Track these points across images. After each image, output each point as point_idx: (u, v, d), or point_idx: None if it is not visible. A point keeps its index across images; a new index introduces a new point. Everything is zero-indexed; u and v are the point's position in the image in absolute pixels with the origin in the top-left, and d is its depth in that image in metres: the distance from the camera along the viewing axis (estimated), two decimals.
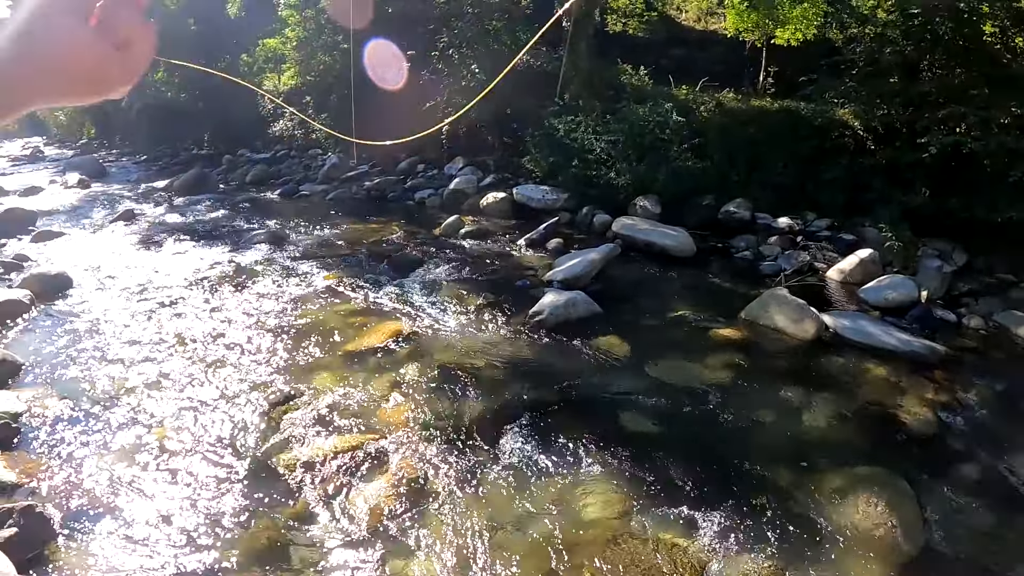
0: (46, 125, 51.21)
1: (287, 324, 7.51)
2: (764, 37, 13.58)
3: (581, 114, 12.42)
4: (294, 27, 20.93)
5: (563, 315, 7.26)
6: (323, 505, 4.41)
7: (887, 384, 5.88)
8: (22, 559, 3.80)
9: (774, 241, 9.59)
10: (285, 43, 21.67)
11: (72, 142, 43.22)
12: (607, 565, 3.79)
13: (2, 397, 5.88)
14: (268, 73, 22.62)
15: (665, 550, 3.88)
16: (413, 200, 14.39)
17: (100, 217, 15.12)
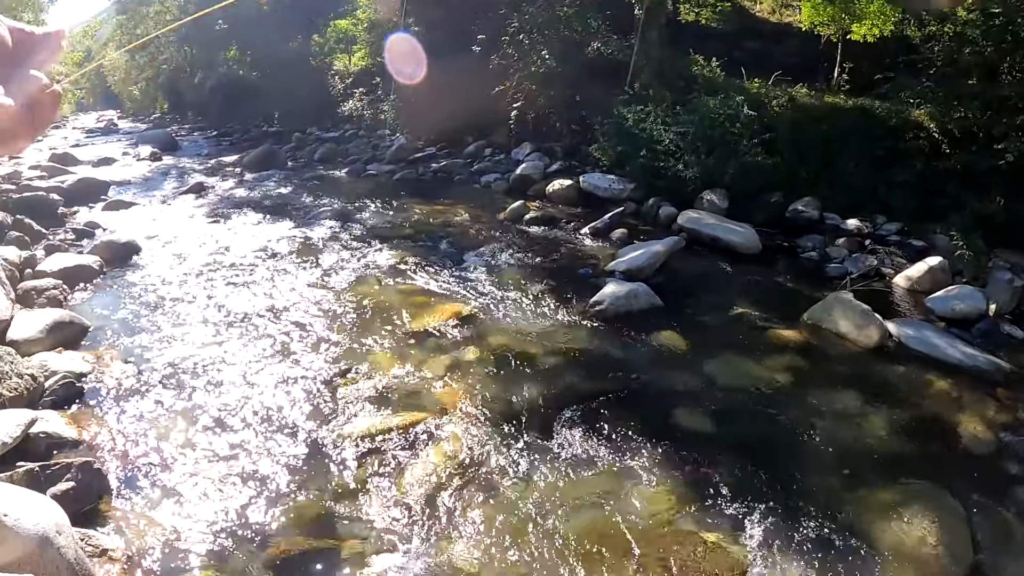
0: (120, 99, 52.29)
1: (349, 300, 7.68)
2: (840, 32, 13.29)
3: (651, 104, 12.33)
4: (365, 8, 21.09)
5: (624, 306, 7.29)
6: (372, 480, 4.52)
7: (947, 399, 5.76)
8: (76, 511, 3.96)
9: (842, 243, 9.43)
10: (356, 24, 21.86)
11: (145, 116, 44.19)
12: (650, 560, 3.83)
13: (68, 357, 6.15)
14: (339, 54, 22.85)
15: (709, 550, 3.90)
16: (479, 183, 14.48)
17: (170, 189, 15.54)
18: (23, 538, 3.21)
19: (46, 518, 3.39)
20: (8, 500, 3.36)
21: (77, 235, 10.75)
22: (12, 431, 4.52)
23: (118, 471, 4.60)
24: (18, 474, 4.17)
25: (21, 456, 4.44)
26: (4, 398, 5.04)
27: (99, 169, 18.37)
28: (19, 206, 11.40)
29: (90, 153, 22.26)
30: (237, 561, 3.83)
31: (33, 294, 7.53)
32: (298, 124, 23.59)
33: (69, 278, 8.23)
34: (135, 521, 4.13)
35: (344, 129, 21.40)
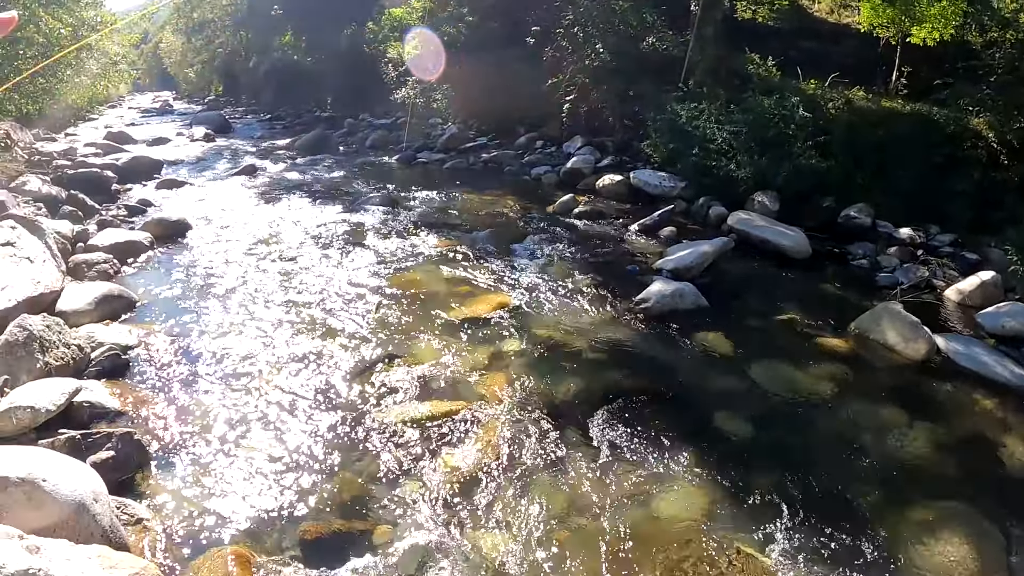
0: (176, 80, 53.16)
1: (395, 286, 7.84)
2: (899, 34, 13.05)
3: (705, 101, 12.27)
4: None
5: (669, 305, 7.32)
6: (409, 466, 4.64)
7: (993, 418, 5.67)
8: (115, 480, 4.13)
9: (893, 252, 9.30)
10: (411, 13, 21.95)
11: (200, 98, 44.97)
12: (680, 561, 3.89)
13: (115, 330, 6.41)
14: (393, 42, 22.96)
15: (738, 559, 3.92)
16: (529, 175, 14.56)
17: (222, 170, 15.93)
18: (60, 503, 3.36)
19: (84, 485, 3.53)
20: (48, 466, 3.52)
21: (129, 211, 11.16)
22: (56, 399, 4.71)
23: (158, 443, 4.79)
24: (59, 441, 4.37)
25: (64, 423, 4.64)
26: (51, 366, 5.27)
27: (153, 148, 18.91)
28: (74, 182, 11.84)
29: (145, 132, 22.80)
30: (269, 539, 3.97)
31: (84, 267, 7.84)
32: (350, 110, 23.79)
33: (120, 253, 8.54)
34: (171, 493, 4.29)
35: (396, 116, 21.58)
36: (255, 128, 25.65)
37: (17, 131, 15.08)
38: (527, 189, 13.44)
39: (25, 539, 2.95)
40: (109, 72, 20.16)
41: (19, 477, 3.35)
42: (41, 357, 5.25)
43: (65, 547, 3.06)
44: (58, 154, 15.59)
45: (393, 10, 23.43)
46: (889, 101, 12.00)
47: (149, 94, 55.06)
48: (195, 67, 47.37)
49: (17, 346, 5.19)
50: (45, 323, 5.51)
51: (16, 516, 3.22)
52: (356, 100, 24.03)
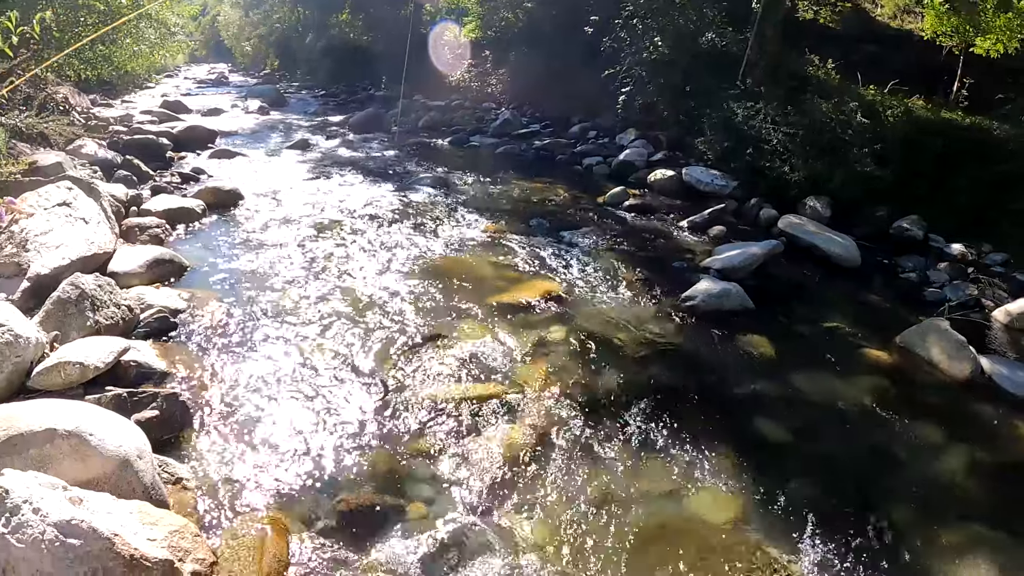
0: (232, 53, 53.59)
1: (442, 266, 8.02)
2: (963, 44, 12.84)
3: (762, 101, 12.18)
4: None
5: (715, 304, 7.38)
6: (446, 446, 4.78)
7: None
8: (157, 439, 4.29)
9: (944, 267, 9.20)
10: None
11: (255, 71, 45.32)
12: (708, 563, 3.95)
13: (164, 293, 6.64)
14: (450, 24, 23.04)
15: (766, 565, 3.97)
16: (581, 165, 14.60)
17: (276, 143, 16.24)
18: (105, 457, 3.53)
19: (129, 441, 3.72)
20: (95, 421, 3.69)
21: (183, 179, 11.56)
22: (105, 356, 4.92)
23: (201, 406, 4.98)
24: (106, 398, 4.55)
25: (111, 381, 4.86)
26: (100, 325, 5.50)
27: (208, 118, 19.26)
28: (129, 147, 12.29)
29: (200, 103, 23.20)
30: (304, 507, 4.11)
31: (136, 230, 8.15)
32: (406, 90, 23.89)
33: (172, 218, 8.86)
34: (212, 455, 4.48)
35: (450, 99, 21.61)
36: (309, 103, 25.83)
37: (75, 95, 15.44)
38: (578, 179, 13.50)
39: (69, 490, 3.09)
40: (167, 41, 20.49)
41: (66, 430, 3.50)
42: (92, 315, 5.48)
43: (107, 500, 3.23)
44: (115, 120, 15.96)
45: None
46: (949, 112, 11.80)
47: (205, 65, 55.41)
48: (251, 40, 47.61)
49: (69, 303, 5.41)
50: (97, 283, 5.75)
51: (61, 467, 3.40)
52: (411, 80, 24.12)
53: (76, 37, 13.33)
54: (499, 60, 20.41)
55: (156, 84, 30.10)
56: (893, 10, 16.64)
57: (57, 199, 7.10)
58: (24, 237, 6.38)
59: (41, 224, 6.63)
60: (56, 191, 7.23)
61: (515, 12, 19.79)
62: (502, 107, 19.71)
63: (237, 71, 47.94)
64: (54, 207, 6.97)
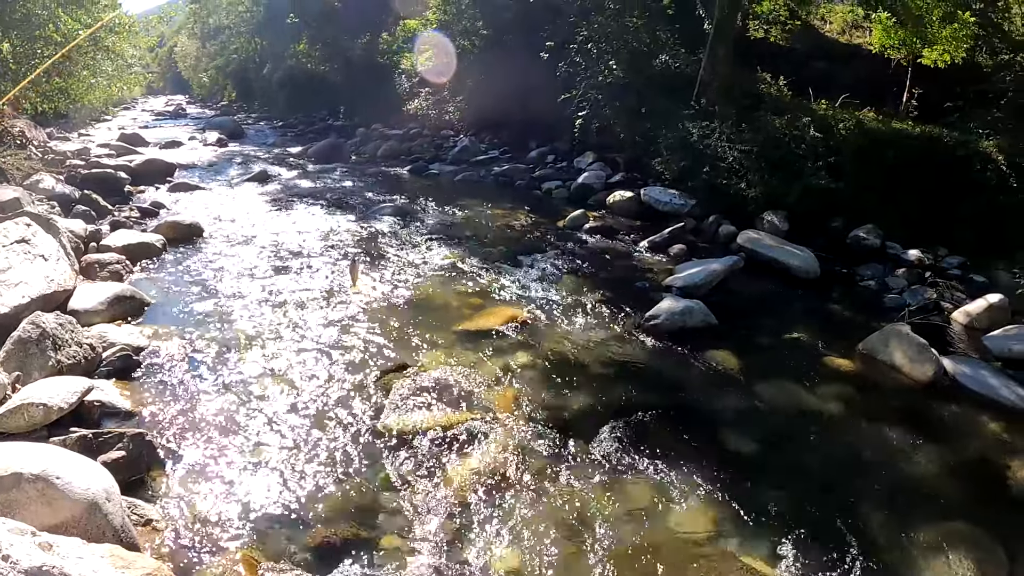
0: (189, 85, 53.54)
1: (405, 296, 7.97)
2: (910, 56, 13.10)
3: (716, 120, 12.32)
4: (435, 10, 21.32)
5: (678, 322, 7.40)
6: (417, 476, 4.71)
7: (999, 441, 5.67)
8: (125, 480, 4.17)
9: (901, 273, 9.32)
10: (425, 25, 22.13)
11: (213, 102, 45.43)
12: None
13: (126, 330, 6.52)
14: (406, 54, 23.16)
15: (744, 572, 3.98)
16: (540, 190, 14.66)
17: (235, 175, 16.18)
18: (73, 501, 3.41)
19: (96, 483, 3.58)
20: (61, 463, 3.56)
21: (142, 213, 11.40)
22: (68, 397, 4.81)
23: (168, 445, 4.87)
24: (71, 439, 4.44)
25: (75, 422, 4.78)
26: (62, 364, 5.37)
27: (166, 151, 19.24)
28: (87, 182, 12.18)
29: (158, 135, 23.16)
30: (277, 543, 4.03)
31: (96, 267, 8.00)
32: (363, 119, 23.95)
33: (132, 254, 8.70)
34: (181, 495, 4.37)
35: (408, 127, 21.63)
36: (267, 134, 25.87)
37: (32, 129, 15.29)
38: (538, 203, 13.53)
39: (38, 536, 2.98)
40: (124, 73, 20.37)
41: (32, 474, 3.39)
42: (53, 355, 5.35)
43: (78, 545, 3.08)
44: (72, 154, 15.83)
45: (408, 21, 23.61)
46: (899, 123, 12.02)
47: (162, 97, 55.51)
48: (209, 72, 47.60)
49: (30, 343, 5.28)
50: (58, 321, 5.62)
51: (29, 512, 3.27)
52: (369, 110, 24.18)
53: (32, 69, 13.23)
54: (456, 88, 20.47)
55: (113, 117, 29.90)
56: (842, 25, 16.96)
57: (15, 236, 6.94)
58: None
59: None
60: (14, 227, 7.06)
61: (471, 39, 19.89)
62: (460, 134, 19.76)
63: (195, 103, 48.01)
64: (12, 244, 6.80)
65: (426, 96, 21.42)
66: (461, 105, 20.12)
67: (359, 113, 25.07)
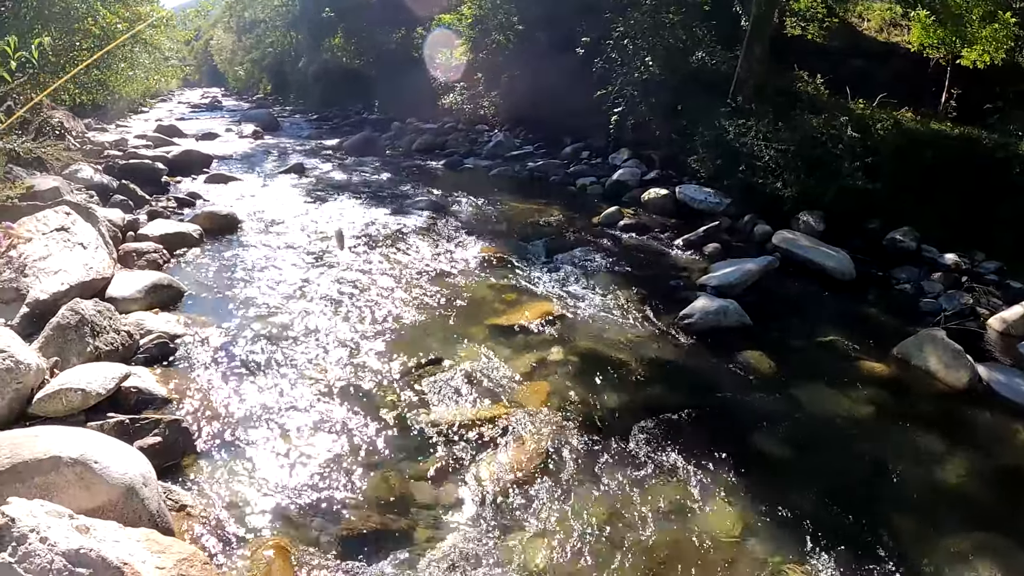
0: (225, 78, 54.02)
1: (439, 290, 8.04)
2: (949, 55, 12.97)
3: (753, 118, 12.28)
4: (470, 4, 21.36)
5: (712, 322, 7.41)
6: (449, 469, 4.78)
7: None
8: (160, 466, 4.24)
9: (937, 277, 9.25)
10: (460, 19, 22.19)
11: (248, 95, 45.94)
12: None
13: (163, 318, 6.64)
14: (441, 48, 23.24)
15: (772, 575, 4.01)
16: (574, 185, 14.69)
17: (271, 167, 16.38)
18: (110, 485, 3.47)
19: (133, 468, 3.64)
20: (100, 448, 3.62)
21: (179, 203, 11.59)
22: (106, 382, 4.88)
23: (203, 432, 4.97)
24: (108, 424, 4.52)
25: (112, 407, 4.83)
26: (100, 351, 5.47)
27: (203, 143, 19.49)
28: (125, 172, 12.37)
29: (195, 127, 23.43)
30: (310, 531, 4.10)
31: (134, 256, 8.13)
32: (398, 113, 24.07)
33: (169, 244, 8.84)
34: (215, 481, 4.46)
35: (443, 122, 21.83)
36: (303, 127, 26.06)
37: (71, 120, 15.52)
38: (572, 199, 13.59)
39: (76, 519, 3.03)
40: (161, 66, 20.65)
41: (71, 457, 3.44)
42: (91, 341, 5.46)
43: (114, 528, 3.15)
44: (110, 144, 16.12)
45: (443, 16, 23.68)
46: (938, 124, 11.91)
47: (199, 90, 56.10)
48: (244, 65, 48.11)
49: (69, 329, 5.38)
50: (97, 308, 5.72)
51: (67, 496, 3.32)
52: (404, 104, 24.30)
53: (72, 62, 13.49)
54: (491, 82, 20.53)
55: (151, 108, 30.30)
56: (880, 23, 16.78)
57: (55, 224, 7.08)
58: (22, 262, 6.34)
59: (39, 249, 6.59)
60: (54, 216, 7.21)
61: (506, 34, 19.92)
62: (495, 129, 19.85)
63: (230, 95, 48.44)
64: (52, 232, 6.94)
65: (461, 91, 21.50)
66: (496, 100, 20.18)
67: (394, 107, 25.23)
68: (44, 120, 13.00)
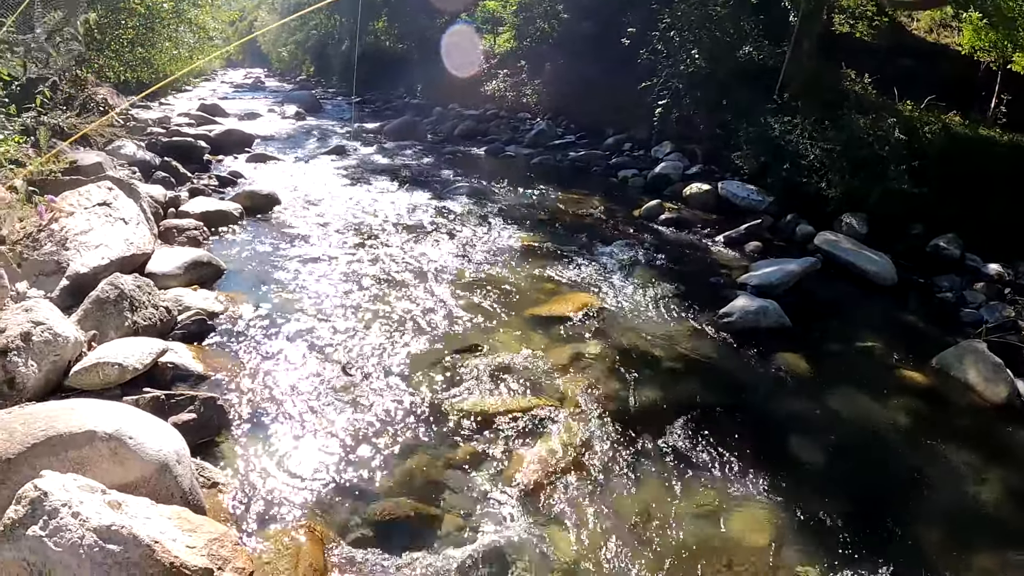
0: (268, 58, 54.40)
1: (478, 277, 8.14)
2: (1001, 60, 12.75)
3: (799, 116, 12.18)
4: None
5: (752, 322, 7.43)
6: (483, 457, 4.82)
7: None
8: (194, 442, 4.23)
9: (980, 287, 9.11)
10: (505, 6, 22.19)
11: (291, 76, 46.36)
12: None
13: (202, 295, 6.73)
14: (486, 34, 23.28)
15: None
16: (616, 177, 14.72)
17: (312, 148, 16.59)
18: (144, 461, 3.47)
19: (168, 445, 3.64)
20: (134, 423, 3.62)
21: (220, 182, 11.79)
22: (143, 357, 4.98)
23: (238, 410, 5.03)
24: (144, 400, 4.57)
25: (148, 382, 4.92)
26: (138, 326, 5.57)
27: (245, 122, 19.74)
28: (167, 149, 12.58)
29: (237, 107, 23.72)
30: (340, 514, 4.15)
31: (174, 232, 8.26)
32: (440, 99, 24.13)
33: (209, 221, 8.99)
34: (248, 460, 4.53)
35: (485, 108, 21.87)
36: (344, 110, 26.23)
37: (114, 96, 15.76)
38: (613, 191, 13.62)
39: (108, 494, 3.05)
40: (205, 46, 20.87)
41: (106, 432, 3.42)
42: (130, 316, 5.56)
43: (146, 505, 3.17)
44: (153, 122, 16.39)
45: (488, 2, 23.70)
46: (987, 130, 11.76)
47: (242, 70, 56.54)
48: (288, 47, 48.39)
49: (108, 303, 5.48)
50: (136, 283, 5.82)
51: (100, 470, 3.33)
52: (446, 89, 24.36)
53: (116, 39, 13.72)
54: (534, 70, 20.54)
55: (194, 87, 30.60)
56: (929, 24, 16.55)
57: (97, 199, 7.18)
58: (64, 236, 6.41)
59: (81, 223, 6.67)
60: (97, 191, 7.31)
61: (550, 23, 19.93)
62: (537, 117, 19.85)
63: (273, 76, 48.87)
64: (94, 207, 7.04)
65: (504, 78, 21.52)
66: (538, 88, 20.18)
67: (436, 92, 25.28)
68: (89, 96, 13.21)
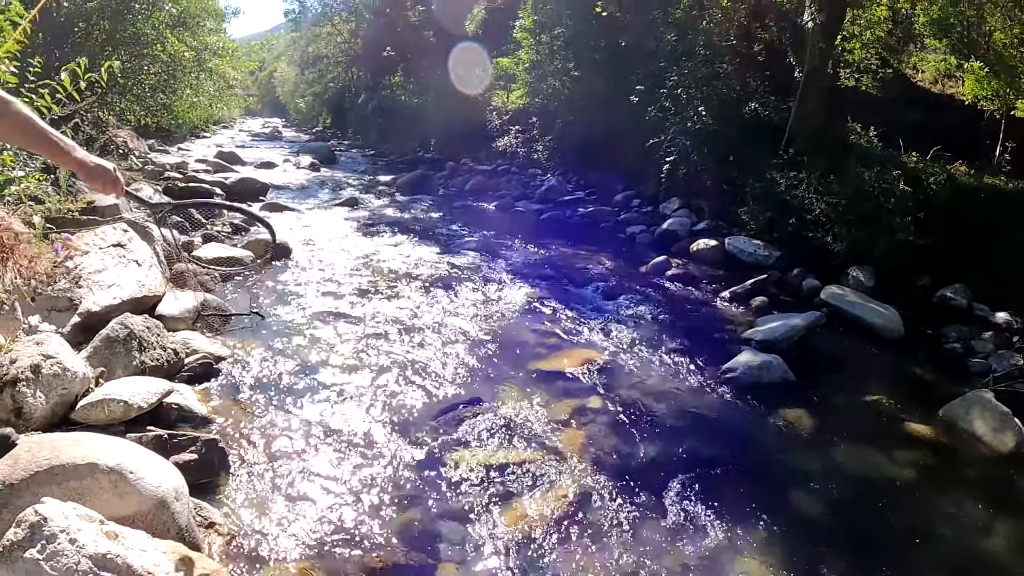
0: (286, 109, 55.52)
1: (483, 330, 8.18)
2: (1004, 108, 12.82)
3: (804, 170, 12.27)
4: (528, 49, 21.70)
5: (755, 376, 7.41)
6: (480, 510, 4.80)
7: None
8: (195, 481, 4.30)
9: (988, 337, 9.02)
10: (517, 64, 22.56)
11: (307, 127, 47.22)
12: None
13: (209, 339, 6.84)
14: (498, 90, 23.62)
15: None
16: (624, 233, 14.78)
17: (325, 199, 16.93)
18: (143, 496, 3.53)
19: (167, 482, 3.71)
20: (136, 459, 3.69)
21: (233, 229, 11.94)
22: (149, 397, 5.04)
23: (239, 452, 5.08)
24: (147, 437, 4.62)
25: (152, 421, 4.99)
26: (145, 366, 5.64)
27: (260, 171, 20.20)
28: (183, 195, 12.80)
29: (254, 155, 24.26)
30: (334, 562, 4.13)
31: (186, 276, 8.26)
32: (452, 153, 24.47)
33: (221, 267, 9.02)
34: (245, 503, 4.55)
35: (497, 164, 22.13)
36: (359, 162, 26.70)
37: (134, 140, 16.11)
38: (621, 247, 13.68)
39: (105, 524, 3.09)
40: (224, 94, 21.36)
41: (108, 466, 3.49)
42: (138, 355, 5.66)
43: (142, 538, 3.19)
44: (170, 166, 16.77)
45: (501, 60, 24.10)
46: (992, 178, 11.79)
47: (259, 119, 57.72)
48: (306, 98, 49.45)
49: (117, 342, 5.59)
50: (146, 324, 5.93)
51: (99, 502, 3.38)
52: (459, 144, 24.70)
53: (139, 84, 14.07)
54: (545, 126, 20.78)
55: (212, 134, 31.22)
56: (934, 75, 16.68)
57: (112, 240, 7.34)
58: (78, 274, 6.55)
59: (95, 262, 6.82)
60: (112, 232, 7.48)
61: (562, 80, 20.20)
62: (548, 173, 20.02)
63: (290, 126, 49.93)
64: (109, 247, 7.20)
65: (516, 134, 21.79)
66: (549, 144, 20.41)
67: (449, 146, 25.65)
68: (109, 139, 13.50)
